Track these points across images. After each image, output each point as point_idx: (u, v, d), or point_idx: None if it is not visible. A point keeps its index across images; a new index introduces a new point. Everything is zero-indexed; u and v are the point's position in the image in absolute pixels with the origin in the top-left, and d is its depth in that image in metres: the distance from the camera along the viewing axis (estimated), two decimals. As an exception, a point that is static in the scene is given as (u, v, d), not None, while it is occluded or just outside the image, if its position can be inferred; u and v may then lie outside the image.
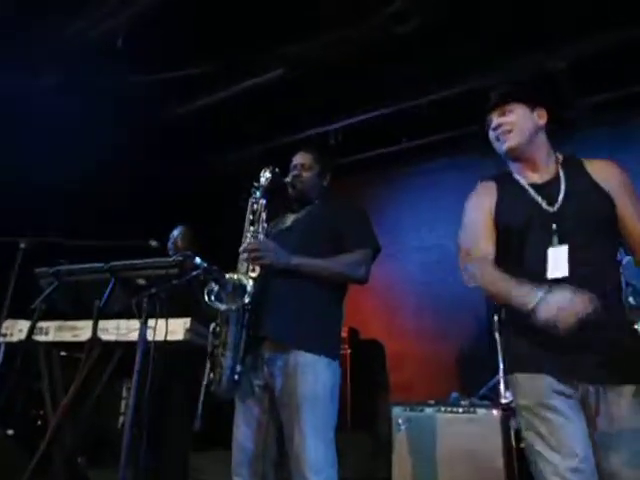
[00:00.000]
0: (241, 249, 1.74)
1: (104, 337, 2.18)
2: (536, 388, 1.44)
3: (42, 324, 2.32)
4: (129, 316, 2.21)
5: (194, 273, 1.67)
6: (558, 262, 1.47)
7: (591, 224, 1.49)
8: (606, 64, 3.36)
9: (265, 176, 1.88)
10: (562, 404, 1.40)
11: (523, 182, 1.61)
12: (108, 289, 2.17)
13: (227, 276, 1.67)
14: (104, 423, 3.18)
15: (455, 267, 1.66)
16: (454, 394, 2.85)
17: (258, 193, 1.86)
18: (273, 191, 1.86)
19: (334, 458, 1.64)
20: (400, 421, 2.61)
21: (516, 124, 1.58)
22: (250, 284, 1.64)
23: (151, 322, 1.84)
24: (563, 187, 1.54)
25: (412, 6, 3.22)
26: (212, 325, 1.70)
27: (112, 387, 3.09)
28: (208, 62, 3.49)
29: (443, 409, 2.60)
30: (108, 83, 3.44)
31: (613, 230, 1.51)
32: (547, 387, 1.42)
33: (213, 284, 1.64)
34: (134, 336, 2.16)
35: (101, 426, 3.09)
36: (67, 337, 2.29)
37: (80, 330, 2.25)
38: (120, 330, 2.19)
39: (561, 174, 1.57)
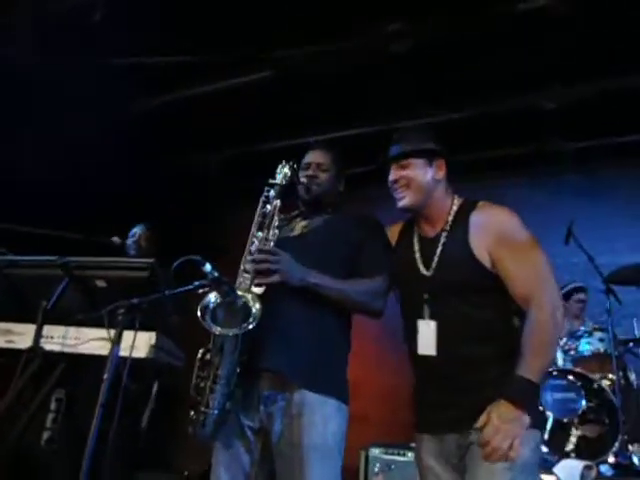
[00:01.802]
0: (248, 258, 1.44)
1: (47, 346, 1.83)
2: None
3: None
4: (80, 323, 1.89)
5: (199, 283, 1.33)
6: (427, 338, 1.44)
7: (461, 294, 1.43)
8: (592, 112, 3.42)
9: (283, 172, 1.60)
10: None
11: (416, 235, 1.59)
12: (59, 289, 1.83)
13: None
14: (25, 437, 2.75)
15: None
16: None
17: (273, 192, 1.56)
18: (288, 191, 1.61)
19: None
20: (377, 466, 2.31)
21: (413, 179, 1.54)
22: (257, 307, 1.33)
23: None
24: (439, 249, 1.49)
25: (411, 28, 3.16)
26: (200, 351, 1.37)
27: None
28: (192, 52, 3.22)
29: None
30: (79, 62, 3.08)
31: (493, 295, 1.43)
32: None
33: (210, 299, 1.33)
34: (84, 348, 1.84)
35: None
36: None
37: (17, 335, 1.89)
38: (67, 339, 1.85)
39: (446, 230, 1.51)
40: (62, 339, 1.84)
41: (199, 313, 1.32)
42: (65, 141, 3.17)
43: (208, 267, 1.27)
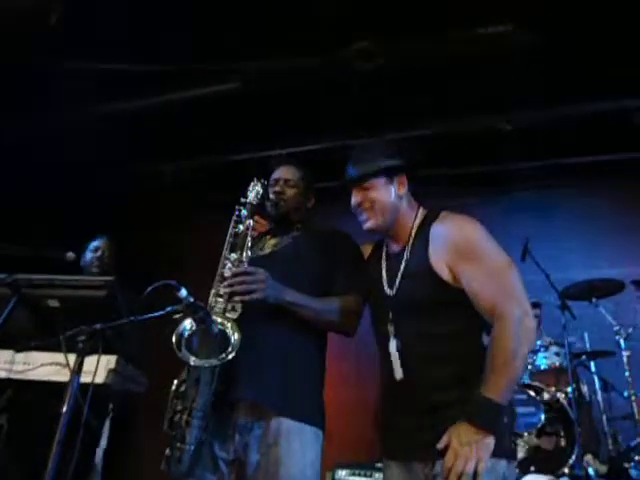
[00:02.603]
0: (223, 284, 1.35)
1: (-9, 372, 1.68)
2: None
3: None
4: (28, 348, 1.74)
5: (171, 308, 1.22)
6: (395, 360, 1.39)
7: (422, 312, 1.39)
8: (546, 134, 3.58)
9: (255, 190, 1.56)
10: None
11: (384, 251, 1.57)
12: (7, 309, 1.68)
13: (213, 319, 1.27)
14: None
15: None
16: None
17: (245, 211, 1.51)
18: (259, 210, 1.55)
19: None
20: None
21: (376, 201, 1.51)
22: (236, 336, 1.25)
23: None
24: (402, 265, 1.46)
25: (379, 47, 3.20)
26: (175, 383, 1.28)
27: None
28: (158, 60, 3.11)
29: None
30: (39, 63, 2.89)
31: (456, 311, 1.37)
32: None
33: (185, 327, 1.24)
34: (34, 375, 1.70)
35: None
36: None
37: (-44, 360, 1.72)
38: (14, 365, 1.70)
39: (409, 244, 1.48)
40: (9, 364, 1.69)
41: (174, 342, 1.23)
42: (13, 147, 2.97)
43: (184, 292, 1.19)
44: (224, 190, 4.65)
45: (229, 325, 1.29)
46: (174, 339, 1.24)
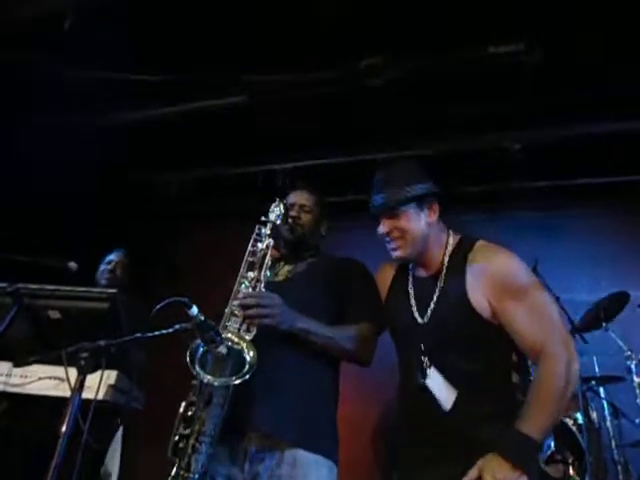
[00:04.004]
0: (237, 302, 1.31)
1: (-14, 385, 1.61)
2: None
3: None
4: (27, 363, 1.67)
5: (180, 326, 1.17)
6: (440, 390, 1.34)
7: (456, 346, 1.35)
8: (556, 154, 3.56)
9: (277, 210, 1.51)
10: None
11: (411, 276, 1.50)
12: (7, 319, 1.62)
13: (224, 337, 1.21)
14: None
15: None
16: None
17: (265, 230, 1.46)
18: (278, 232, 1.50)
19: None
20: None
21: (407, 230, 1.45)
22: (252, 355, 1.20)
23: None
24: (436, 295, 1.40)
25: (388, 62, 3.20)
26: (183, 405, 1.22)
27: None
28: (163, 71, 3.10)
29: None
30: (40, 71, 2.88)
31: (490, 347, 1.34)
32: None
33: (200, 344, 1.18)
34: (31, 388, 1.63)
35: None
36: None
37: (-50, 372, 1.65)
38: (11, 378, 1.63)
39: (443, 270, 1.43)
40: (5, 377, 1.63)
41: (188, 359, 1.17)
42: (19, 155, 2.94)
43: (195, 310, 1.13)
44: (227, 203, 4.66)
45: (244, 344, 1.24)
46: (188, 357, 1.19)
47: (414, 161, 1.60)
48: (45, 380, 1.60)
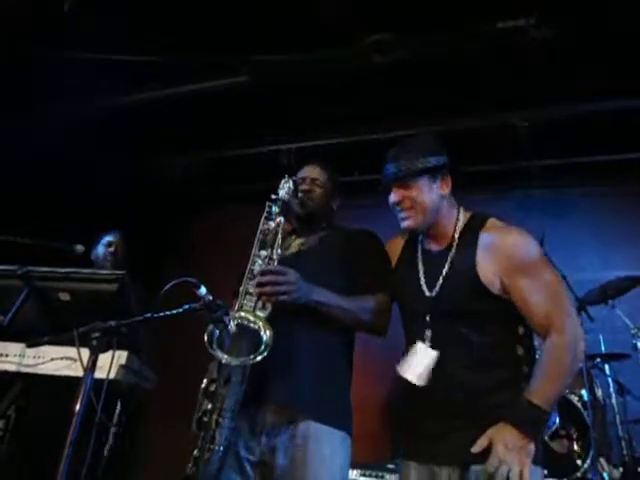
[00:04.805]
0: (253, 281, 1.32)
1: (0, 366, 1.65)
2: None
3: None
4: (40, 343, 1.71)
5: (189, 306, 1.19)
6: (421, 365, 1.36)
7: (463, 318, 1.36)
8: (562, 132, 3.51)
9: (286, 187, 1.52)
10: None
11: (419, 249, 1.51)
12: (18, 301, 1.65)
13: (236, 315, 1.24)
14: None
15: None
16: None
17: (276, 208, 1.46)
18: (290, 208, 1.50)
19: None
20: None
21: (418, 201, 1.45)
22: (268, 334, 1.22)
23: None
24: (445, 268, 1.41)
25: (395, 40, 3.14)
26: (204, 382, 1.26)
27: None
28: (165, 52, 3.06)
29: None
30: (40, 53, 2.86)
31: (496, 320, 1.36)
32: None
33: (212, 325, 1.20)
34: (44, 368, 1.67)
35: None
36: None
37: (-36, 353, 1.69)
38: (25, 358, 1.67)
39: (454, 245, 1.43)
40: (19, 357, 1.66)
41: (206, 340, 1.20)
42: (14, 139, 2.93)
43: (203, 290, 1.15)
44: (232, 184, 4.65)
45: (260, 323, 1.26)
46: (206, 337, 1.21)
47: (430, 135, 1.61)
48: (57, 360, 1.63)
